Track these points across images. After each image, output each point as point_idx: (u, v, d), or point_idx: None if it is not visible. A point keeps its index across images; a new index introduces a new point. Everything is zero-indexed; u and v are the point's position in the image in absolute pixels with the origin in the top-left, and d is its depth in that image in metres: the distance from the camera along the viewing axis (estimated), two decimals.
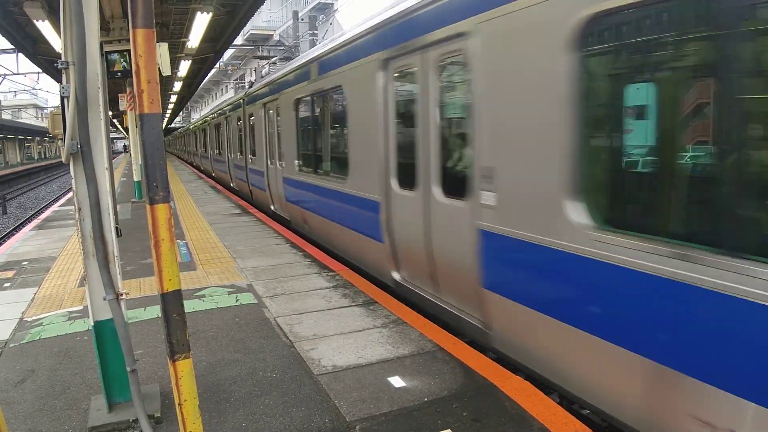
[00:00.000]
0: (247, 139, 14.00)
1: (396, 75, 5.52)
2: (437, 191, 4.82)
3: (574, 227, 3.23)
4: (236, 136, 16.08)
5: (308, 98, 8.53)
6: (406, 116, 5.47)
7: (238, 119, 15.43)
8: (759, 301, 2.30)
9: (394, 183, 5.62)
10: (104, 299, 3.16)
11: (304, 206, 8.99)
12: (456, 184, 4.52)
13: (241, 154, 15.06)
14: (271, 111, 11.30)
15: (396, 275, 5.82)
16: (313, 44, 28.97)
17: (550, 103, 3.35)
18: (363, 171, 6.32)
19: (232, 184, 18.07)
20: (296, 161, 9.30)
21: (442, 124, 4.79)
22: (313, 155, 8.64)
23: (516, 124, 3.72)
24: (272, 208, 11.72)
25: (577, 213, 3.23)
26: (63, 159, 3.15)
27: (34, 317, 5.44)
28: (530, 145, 3.59)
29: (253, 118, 13.16)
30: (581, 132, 3.20)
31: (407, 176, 5.36)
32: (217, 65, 30.27)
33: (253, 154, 13.23)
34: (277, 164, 10.80)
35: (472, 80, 4.10)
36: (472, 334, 4.52)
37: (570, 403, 3.82)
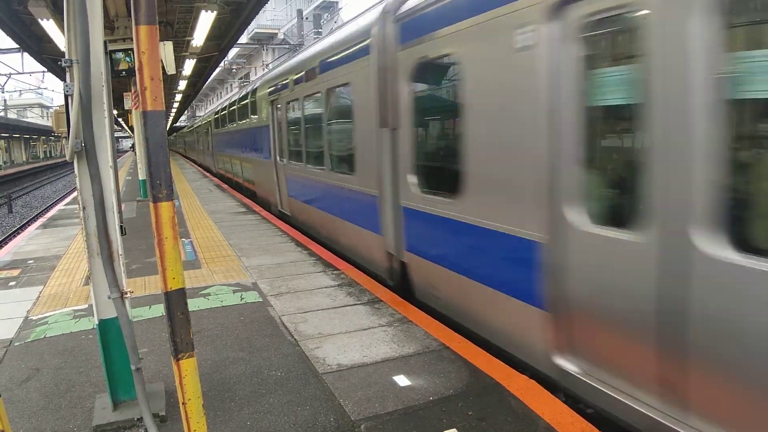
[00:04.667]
0: (325, 133, 7.81)
1: None
2: None
3: None
4: (323, 128, 7.94)
5: None
6: None
7: (318, 94, 7.99)
8: None
9: None
10: (109, 298, 3.16)
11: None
12: None
13: (313, 162, 8.52)
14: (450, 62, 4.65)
15: None
16: None
17: None
18: None
19: (280, 208, 11.26)
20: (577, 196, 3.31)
21: None
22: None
23: None
24: (422, 290, 5.42)
25: None
26: (67, 157, 3.15)
27: (40, 315, 5.45)
28: None
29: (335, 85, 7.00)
30: None
31: None
32: (222, 64, 30.33)
33: (351, 167, 6.74)
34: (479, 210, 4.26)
35: None
36: None
37: (576, 402, 3.80)
